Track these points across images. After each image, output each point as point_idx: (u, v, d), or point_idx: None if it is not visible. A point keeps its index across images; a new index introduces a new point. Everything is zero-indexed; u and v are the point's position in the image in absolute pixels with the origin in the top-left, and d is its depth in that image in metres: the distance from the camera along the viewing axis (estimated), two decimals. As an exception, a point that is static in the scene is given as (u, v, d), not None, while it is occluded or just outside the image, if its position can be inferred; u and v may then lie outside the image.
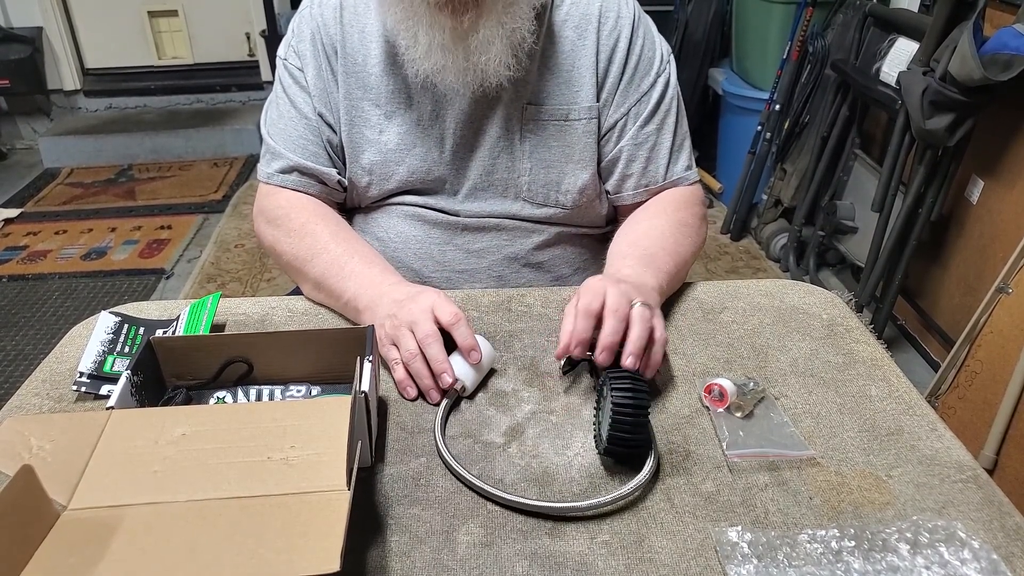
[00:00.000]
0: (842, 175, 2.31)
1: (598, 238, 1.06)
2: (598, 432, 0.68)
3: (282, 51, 0.97)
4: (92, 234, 2.82)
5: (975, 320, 1.60)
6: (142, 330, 0.83)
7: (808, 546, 0.58)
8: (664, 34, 0.99)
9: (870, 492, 0.64)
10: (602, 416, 0.67)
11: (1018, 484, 1.47)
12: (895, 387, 0.77)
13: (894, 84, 1.96)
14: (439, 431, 0.69)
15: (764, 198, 2.67)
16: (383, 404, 0.74)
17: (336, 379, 0.74)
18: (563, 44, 0.92)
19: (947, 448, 0.69)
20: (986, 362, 1.58)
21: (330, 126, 0.95)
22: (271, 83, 0.99)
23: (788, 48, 2.47)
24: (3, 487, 0.48)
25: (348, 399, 0.59)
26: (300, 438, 0.58)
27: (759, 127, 2.58)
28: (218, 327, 0.86)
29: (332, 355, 0.72)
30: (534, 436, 0.70)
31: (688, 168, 1.00)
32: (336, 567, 0.45)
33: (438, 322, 0.75)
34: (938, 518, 0.61)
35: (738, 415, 0.72)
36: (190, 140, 3.48)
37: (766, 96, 2.55)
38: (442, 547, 0.59)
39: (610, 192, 1.00)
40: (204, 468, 0.55)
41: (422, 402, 0.74)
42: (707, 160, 3.05)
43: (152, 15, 3.65)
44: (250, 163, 3.42)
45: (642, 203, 0.99)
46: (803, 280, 1.76)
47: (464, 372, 0.74)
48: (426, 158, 0.95)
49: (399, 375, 0.75)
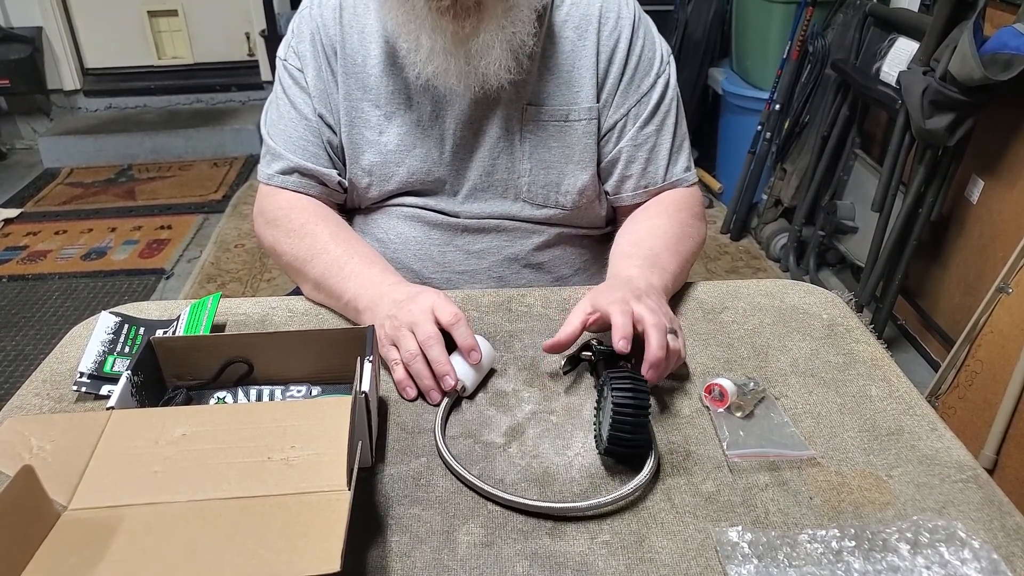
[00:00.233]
0: (842, 175, 2.31)
1: (598, 239, 1.06)
2: (598, 432, 0.68)
3: (282, 52, 0.97)
4: (92, 234, 2.82)
5: (975, 320, 1.60)
6: (142, 330, 0.83)
7: (808, 546, 0.58)
8: (664, 34, 0.99)
9: (870, 492, 0.64)
10: (602, 416, 0.67)
11: (1018, 484, 1.47)
12: (895, 387, 0.77)
13: (894, 84, 1.96)
14: (439, 431, 0.69)
15: (764, 198, 2.67)
16: (383, 404, 0.74)
17: (336, 379, 0.74)
18: (563, 45, 0.92)
19: (947, 448, 0.69)
20: (986, 362, 1.58)
21: (330, 127, 0.95)
22: (271, 83, 0.99)
23: (788, 48, 2.47)
24: (3, 487, 0.48)
25: (348, 399, 0.59)
26: (300, 438, 0.58)
27: (759, 127, 2.58)
28: (218, 327, 0.86)
29: (332, 355, 0.72)
30: (534, 436, 0.70)
31: (687, 169, 1.00)
32: (336, 567, 0.45)
33: (438, 322, 0.75)
34: (938, 518, 0.61)
35: (738, 415, 0.72)
36: (190, 140, 3.48)
37: (766, 96, 2.55)
38: (442, 547, 0.59)
39: (609, 193, 1.00)
40: (204, 468, 0.55)
41: (422, 402, 0.74)
42: (707, 160, 3.05)
43: (152, 15, 3.65)
44: (250, 163, 3.42)
45: (641, 204, 0.99)
46: (803, 280, 1.75)
47: (464, 372, 0.74)
48: (426, 159, 0.95)
49: (399, 375, 0.75)
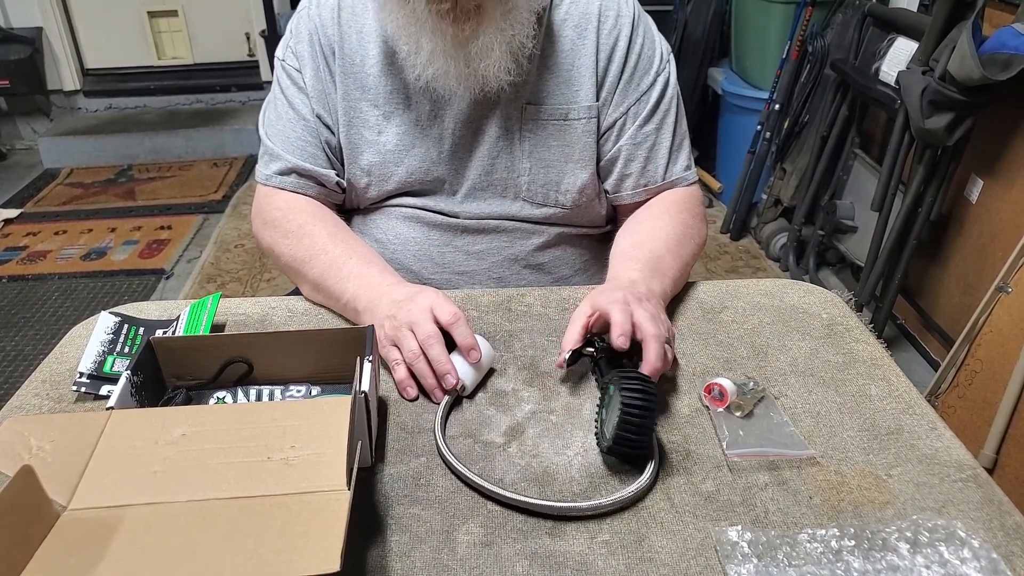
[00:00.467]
0: (842, 174, 2.31)
1: (598, 238, 1.06)
2: (600, 430, 0.68)
3: (280, 52, 0.96)
4: (92, 234, 2.82)
5: (975, 319, 1.60)
6: (142, 330, 0.83)
7: (808, 545, 0.58)
8: (664, 34, 0.99)
9: (870, 491, 0.64)
10: (607, 414, 0.67)
11: (1018, 483, 1.47)
12: (895, 386, 0.77)
13: (893, 83, 1.96)
14: (439, 430, 0.69)
15: (764, 197, 2.67)
16: (383, 404, 0.74)
17: (336, 379, 0.74)
18: (562, 44, 0.92)
19: (947, 447, 0.69)
20: (986, 361, 1.58)
21: (328, 127, 0.95)
22: (271, 83, 0.99)
23: (787, 48, 2.47)
24: (3, 487, 0.48)
25: (348, 399, 0.59)
26: (300, 438, 0.58)
27: (759, 126, 2.58)
28: (218, 327, 0.86)
29: (332, 355, 0.72)
30: (534, 436, 0.70)
31: (687, 168, 1.00)
32: (336, 567, 0.45)
33: (438, 322, 0.75)
34: (938, 517, 0.61)
35: (738, 415, 0.72)
36: (190, 140, 3.48)
37: (766, 95, 2.55)
38: (442, 547, 0.59)
39: (609, 191, 1.00)
40: (204, 468, 0.55)
41: (422, 402, 0.74)
42: (707, 160, 3.05)
43: (152, 15, 3.65)
44: (250, 163, 3.42)
45: (641, 203, 0.99)
46: (803, 279, 1.75)
47: (464, 371, 0.74)
48: (424, 158, 0.94)
49: (400, 375, 0.75)
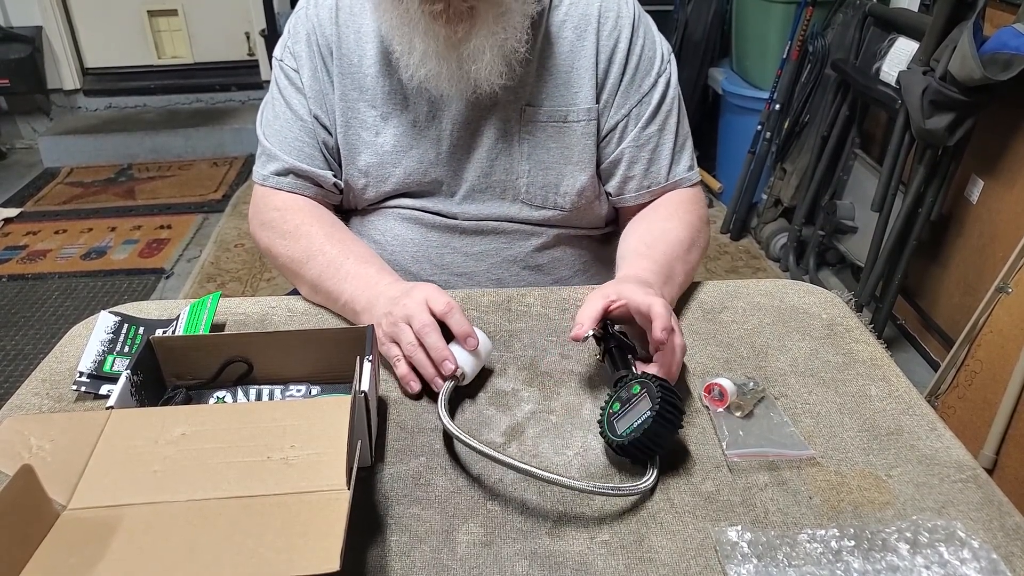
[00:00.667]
0: (842, 175, 2.31)
1: (598, 239, 1.06)
2: (607, 421, 0.67)
3: (278, 52, 0.96)
4: (92, 234, 2.82)
5: (975, 320, 1.60)
6: (142, 330, 0.83)
7: (808, 546, 0.58)
8: (664, 34, 0.99)
9: (870, 492, 0.64)
10: (622, 409, 0.66)
11: (1018, 484, 1.47)
12: (895, 387, 0.77)
13: (894, 84, 1.96)
14: (443, 410, 0.67)
15: (764, 198, 2.67)
16: (383, 404, 0.74)
17: (336, 379, 0.74)
18: (562, 45, 0.92)
19: (947, 448, 0.69)
20: (986, 362, 1.58)
21: (326, 128, 0.95)
22: (270, 81, 0.99)
23: (788, 48, 2.47)
24: (3, 487, 0.48)
25: (348, 399, 0.59)
26: (300, 438, 0.58)
27: (759, 127, 2.58)
28: (218, 327, 0.86)
29: (332, 355, 0.72)
30: (534, 436, 0.70)
31: (690, 168, 0.99)
32: (336, 566, 0.45)
33: (434, 313, 0.75)
34: (938, 518, 0.61)
35: (738, 415, 0.72)
36: (190, 140, 3.48)
37: (766, 96, 2.55)
38: (442, 547, 0.59)
39: (612, 194, 1.00)
40: (204, 468, 0.55)
41: (422, 402, 0.74)
42: (707, 160, 3.05)
43: (152, 14, 3.64)
44: (250, 163, 3.41)
45: (644, 204, 0.99)
46: (803, 280, 1.75)
47: (463, 360, 0.73)
48: (422, 160, 0.94)
49: (401, 370, 0.75)
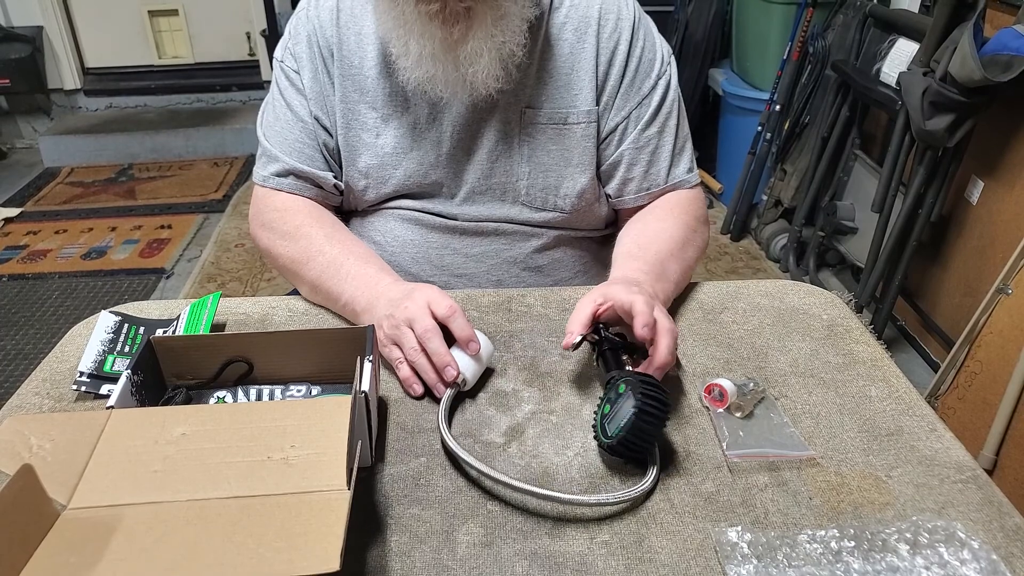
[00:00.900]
0: (842, 175, 2.31)
1: (598, 241, 1.06)
2: (600, 424, 0.67)
3: (279, 53, 0.96)
4: (92, 233, 2.82)
5: (975, 321, 1.60)
6: (142, 329, 0.83)
7: (808, 546, 0.58)
8: (664, 35, 0.99)
9: (870, 492, 0.64)
10: (612, 410, 0.66)
11: (1018, 484, 1.47)
12: (895, 387, 0.77)
13: (894, 85, 1.96)
14: (443, 424, 0.68)
15: (764, 198, 2.67)
16: (383, 404, 0.74)
17: (336, 379, 0.74)
18: (562, 47, 0.92)
19: (947, 448, 0.69)
20: (986, 363, 1.58)
21: (326, 129, 0.95)
22: (271, 83, 0.99)
23: (788, 48, 2.47)
24: (3, 486, 0.48)
25: (348, 399, 0.59)
26: (300, 438, 0.58)
27: (759, 127, 2.58)
28: (218, 327, 0.86)
29: (332, 355, 0.72)
30: (534, 436, 0.70)
31: (690, 170, 0.99)
32: (336, 566, 0.45)
33: (436, 317, 0.75)
34: (938, 518, 0.61)
35: (738, 415, 0.72)
36: (190, 139, 3.48)
37: (766, 96, 2.55)
38: (442, 547, 0.59)
39: (611, 195, 1.00)
40: (204, 468, 0.55)
41: (423, 402, 0.74)
42: (707, 160, 3.05)
43: (152, 14, 3.65)
44: (250, 163, 3.39)
45: (643, 206, 0.99)
46: (803, 280, 1.76)
47: (464, 365, 0.74)
48: (423, 161, 0.94)
49: (403, 373, 0.75)
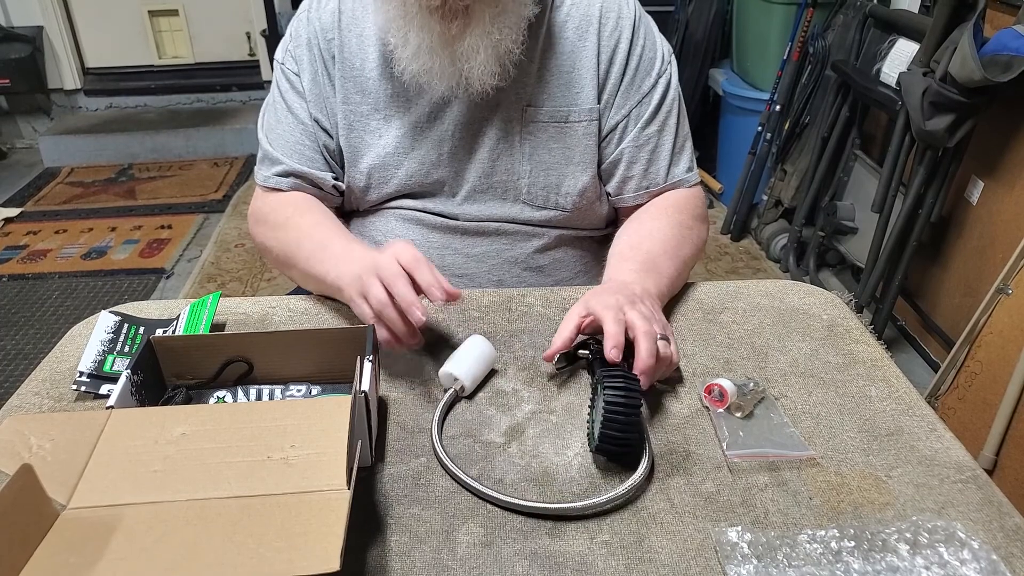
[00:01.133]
0: (842, 176, 2.31)
1: (599, 240, 1.06)
2: (591, 431, 0.68)
3: (279, 55, 0.97)
4: (92, 233, 2.82)
5: (975, 321, 1.60)
6: (142, 329, 0.83)
7: (808, 546, 0.58)
8: (665, 34, 0.99)
9: (870, 492, 0.64)
10: (595, 415, 0.67)
11: (1018, 484, 1.47)
12: (895, 387, 0.77)
13: (894, 85, 1.96)
14: (436, 432, 0.69)
15: (764, 198, 2.67)
16: (383, 404, 0.74)
17: (336, 379, 0.74)
18: (563, 46, 0.92)
19: (947, 448, 0.69)
20: (986, 363, 1.58)
21: (326, 131, 0.95)
22: (271, 83, 1.00)
23: (788, 49, 2.47)
24: (3, 486, 0.48)
25: (348, 399, 0.59)
26: (300, 437, 0.58)
27: (759, 127, 2.58)
28: (218, 327, 0.86)
29: (332, 355, 0.72)
30: (534, 436, 0.70)
31: (689, 170, 0.99)
32: (336, 566, 0.45)
33: (402, 265, 0.72)
34: (938, 518, 0.61)
35: (738, 415, 0.72)
36: (190, 140, 3.48)
37: (766, 97, 2.55)
38: (442, 547, 0.59)
39: (611, 194, 1.00)
40: (204, 467, 0.55)
41: (422, 402, 0.74)
42: (707, 160, 3.05)
43: (152, 14, 3.65)
44: (250, 163, 3.41)
45: (643, 204, 0.99)
46: (803, 281, 1.76)
47: (464, 372, 0.74)
48: (424, 161, 0.94)
49: (382, 336, 0.73)
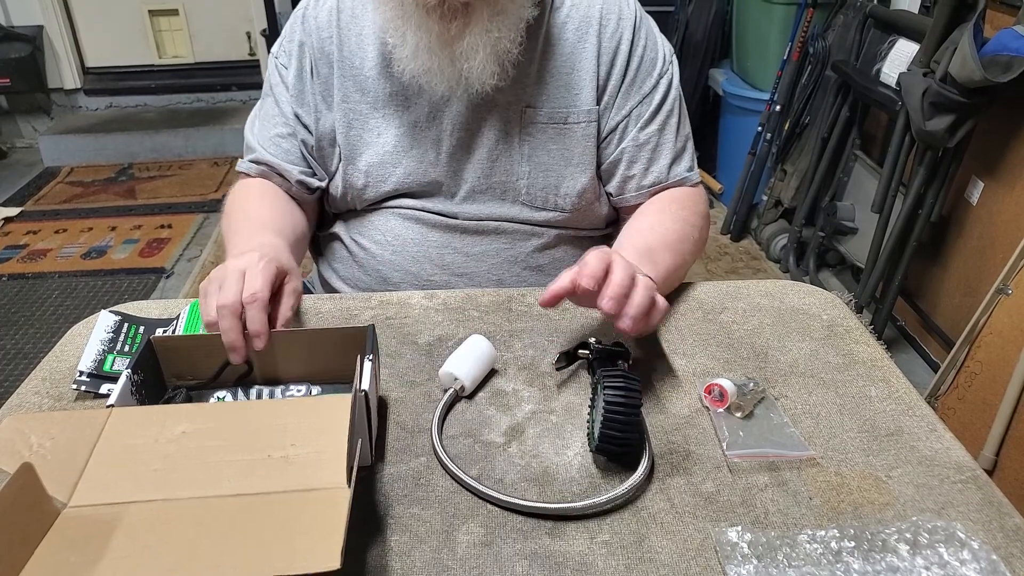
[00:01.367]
0: (842, 176, 2.31)
1: (599, 240, 1.05)
2: (591, 431, 0.68)
3: (275, 50, 1.00)
4: (92, 233, 2.82)
5: (975, 321, 1.60)
6: (142, 329, 0.83)
7: (808, 546, 0.58)
8: (665, 34, 0.99)
9: (870, 492, 0.64)
10: (595, 414, 0.67)
11: (1017, 485, 1.47)
12: (895, 388, 0.77)
13: (894, 85, 1.96)
14: (436, 432, 0.69)
15: (764, 199, 2.67)
16: (383, 403, 0.74)
17: (336, 379, 0.74)
18: (563, 47, 0.92)
19: (947, 449, 0.69)
20: (986, 363, 1.58)
21: (306, 127, 0.97)
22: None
23: (788, 49, 2.47)
24: (3, 485, 0.48)
25: (348, 397, 0.59)
26: (300, 436, 0.58)
27: (759, 128, 2.58)
28: (218, 326, 0.86)
29: (332, 355, 0.72)
30: (534, 436, 0.70)
31: (690, 169, 0.99)
32: (337, 564, 0.45)
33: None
34: (938, 519, 0.61)
35: (738, 415, 0.72)
36: (190, 139, 3.48)
37: (766, 97, 2.56)
38: (442, 547, 0.59)
39: (612, 194, 1.00)
40: (205, 466, 0.55)
41: (422, 402, 0.74)
42: (707, 160, 3.05)
43: (152, 14, 3.65)
44: (250, 162, 3.41)
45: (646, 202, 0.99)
46: (803, 281, 1.76)
47: (464, 372, 0.74)
48: (422, 160, 0.94)
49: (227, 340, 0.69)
